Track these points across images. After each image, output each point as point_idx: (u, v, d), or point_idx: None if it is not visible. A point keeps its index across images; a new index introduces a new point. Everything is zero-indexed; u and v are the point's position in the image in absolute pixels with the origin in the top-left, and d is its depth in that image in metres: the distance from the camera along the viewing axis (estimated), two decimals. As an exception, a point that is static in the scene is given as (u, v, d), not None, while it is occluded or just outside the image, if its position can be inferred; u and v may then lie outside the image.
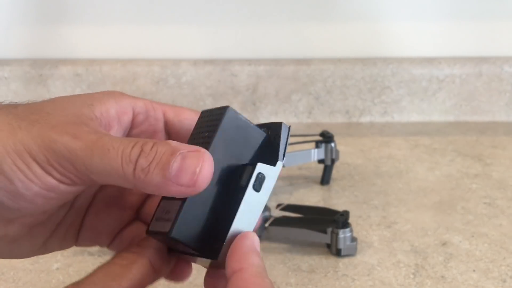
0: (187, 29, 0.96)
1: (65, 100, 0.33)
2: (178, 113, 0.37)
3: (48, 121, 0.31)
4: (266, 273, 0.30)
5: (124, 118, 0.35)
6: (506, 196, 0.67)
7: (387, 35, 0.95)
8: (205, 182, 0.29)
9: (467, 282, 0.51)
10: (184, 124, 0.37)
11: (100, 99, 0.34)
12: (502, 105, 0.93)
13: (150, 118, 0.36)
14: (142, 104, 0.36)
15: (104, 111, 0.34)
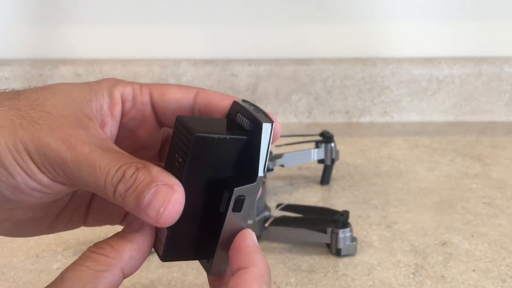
0: (187, 29, 0.96)
1: (65, 94, 0.34)
2: (162, 93, 0.37)
3: (48, 123, 0.31)
4: (268, 275, 0.31)
5: (115, 110, 0.36)
6: (506, 196, 0.67)
7: (387, 35, 0.95)
8: (169, 221, 0.30)
9: (467, 282, 0.51)
10: (169, 105, 0.36)
11: (96, 92, 0.35)
12: (502, 105, 0.93)
13: (137, 104, 0.36)
14: (130, 89, 0.36)
15: (99, 108, 0.35)
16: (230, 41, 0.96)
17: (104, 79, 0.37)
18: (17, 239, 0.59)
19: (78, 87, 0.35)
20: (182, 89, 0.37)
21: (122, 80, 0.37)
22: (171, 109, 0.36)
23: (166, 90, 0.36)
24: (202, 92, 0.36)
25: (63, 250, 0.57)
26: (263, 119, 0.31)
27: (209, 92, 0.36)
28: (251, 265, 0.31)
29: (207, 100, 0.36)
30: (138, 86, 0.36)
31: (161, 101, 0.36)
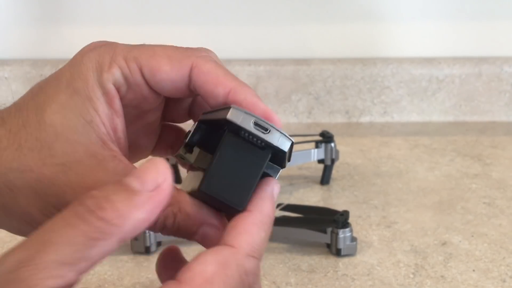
0: (187, 29, 0.96)
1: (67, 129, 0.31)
2: (153, 72, 0.32)
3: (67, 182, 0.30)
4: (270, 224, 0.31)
5: (116, 104, 0.32)
6: (506, 196, 0.67)
7: (387, 35, 0.95)
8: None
9: (467, 282, 0.51)
10: (163, 87, 0.33)
11: (90, 100, 0.31)
12: (502, 105, 0.93)
13: (131, 85, 0.33)
14: (119, 73, 0.32)
15: (103, 118, 0.32)
16: (230, 41, 0.96)
17: (83, 66, 0.32)
18: (17, 239, 0.59)
19: (72, 108, 0.31)
20: (175, 65, 0.32)
21: (104, 60, 0.32)
22: (166, 90, 0.33)
23: (157, 68, 0.32)
24: (197, 69, 0.32)
25: (63, 250, 0.57)
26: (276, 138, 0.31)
27: (205, 70, 0.32)
28: (255, 210, 0.30)
29: (202, 80, 0.32)
30: (125, 64, 0.32)
31: (154, 82, 0.33)
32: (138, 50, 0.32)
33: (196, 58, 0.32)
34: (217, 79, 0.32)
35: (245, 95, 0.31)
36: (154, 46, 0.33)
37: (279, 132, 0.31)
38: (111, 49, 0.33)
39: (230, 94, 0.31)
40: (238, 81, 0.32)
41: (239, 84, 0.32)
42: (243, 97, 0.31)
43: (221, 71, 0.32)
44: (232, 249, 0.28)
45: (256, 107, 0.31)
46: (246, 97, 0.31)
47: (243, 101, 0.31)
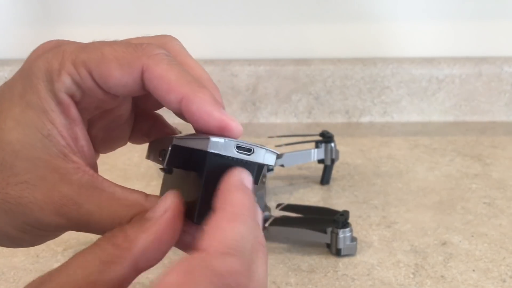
0: (187, 29, 0.96)
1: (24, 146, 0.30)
2: (104, 78, 0.30)
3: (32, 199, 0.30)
4: (249, 213, 0.27)
5: (72, 113, 0.31)
6: (506, 196, 0.67)
7: (387, 35, 0.95)
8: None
9: (467, 282, 0.51)
10: (116, 91, 0.31)
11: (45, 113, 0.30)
12: (502, 105, 0.93)
13: (85, 91, 0.31)
14: (69, 81, 0.30)
15: (61, 129, 0.30)
16: (230, 41, 0.96)
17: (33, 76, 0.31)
18: (17, 239, 0.59)
19: (27, 123, 0.30)
20: (126, 70, 0.30)
21: (52, 68, 0.30)
22: (121, 93, 0.31)
23: (107, 74, 0.30)
24: (148, 73, 0.30)
25: (63, 250, 0.57)
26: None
27: (156, 74, 0.30)
28: (223, 205, 0.27)
29: (153, 86, 0.30)
30: (75, 70, 0.30)
31: (106, 87, 0.31)
32: (86, 53, 0.31)
33: (147, 59, 0.30)
34: (168, 85, 0.30)
35: (198, 104, 0.29)
36: (102, 47, 0.31)
37: (263, 149, 0.31)
38: (59, 54, 0.31)
39: (182, 102, 0.29)
40: (191, 84, 0.30)
41: (192, 90, 0.29)
42: (195, 107, 0.29)
43: (173, 74, 0.30)
44: (200, 253, 0.26)
45: (210, 117, 0.29)
46: (199, 106, 0.29)
47: (195, 112, 0.29)
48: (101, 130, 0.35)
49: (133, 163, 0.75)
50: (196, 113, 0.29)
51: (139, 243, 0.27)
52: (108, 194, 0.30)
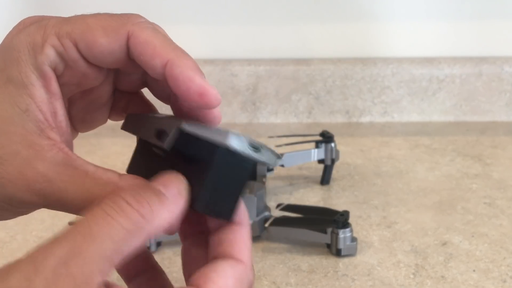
0: (187, 29, 0.96)
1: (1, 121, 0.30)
2: (89, 46, 0.30)
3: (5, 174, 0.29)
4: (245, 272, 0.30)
5: (53, 87, 0.31)
6: (506, 196, 0.67)
7: (387, 35, 0.95)
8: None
9: (467, 282, 0.51)
10: (101, 60, 0.31)
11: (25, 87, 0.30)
12: (502, 105, 0.93)
13: (68, 63, 0.31)
14: (52, 52, 0.30)
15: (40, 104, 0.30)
16: (230, 41, 0.96)
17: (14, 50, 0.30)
18: (16, 240, 0.59)
19: (6, 98, 0.30)
20: (111, 36, 0.30)
21: (35, 41, 0.30)
22: (106, 63, 0.31)
23: (92, 42, 0.30)
24: (133, 38, 0.30)
25: (63, 250, 0.57)
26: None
27: (142, 39, 0.30)
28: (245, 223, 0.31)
29: (138, 51, 0.30)
30: (58, 42, 0.30)
31: (91, 57, 0.31)
32: (70, 24, 0.31)
33: (132, 26, 0.31)
34: (153, 49, 0.30)
35: (181, 68, 0.30)
36: (86, 17, 0.32)
37: (269, 150, 0.31)
38: (42, 28, 0.31)
39: (167, 66, 0.30)
40: (176, 51, 0.30)
41: (176, 55, 0.30)
42: (179, 70, 0.30)
43: (158, 39, 0.30)
44: (243, 264, 0.29)
45: (192, 82, 0.30)
46: (183, 70, 0.30)
47: (179, 75, 0.30)
48: (81, 110, 0.35)
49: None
50: (179, 77, 0.29)
51: (161, 218, 0.27)
52: (81, 172, 0.29)
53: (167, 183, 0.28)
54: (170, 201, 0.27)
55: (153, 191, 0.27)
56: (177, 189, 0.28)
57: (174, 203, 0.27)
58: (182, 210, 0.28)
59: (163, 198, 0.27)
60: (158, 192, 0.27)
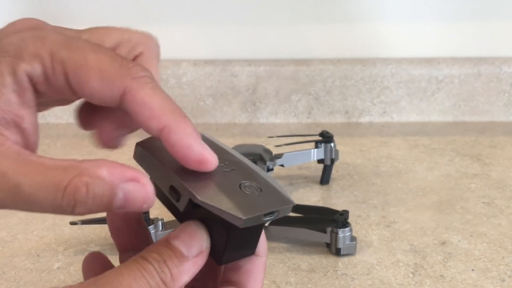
0: (187, 29, 0.96)
1: None
2: (80, 85, 0.29)
3: None
4: None
5: (27, 97, 0.29)
6: (505, 196, 0.67)
7: (386, 36, 0.95)
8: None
9: (466, 282, 0.51)
10: (90, 98, 0.29)
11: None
12: (501, 105, 0.93)
13: (52, 86, 0.29)
14: (39, 68, 0.28)
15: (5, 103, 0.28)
16: (230, 41, 0.96)
17: (1, 46, 0.29)
18: (18, 239, 0.59)
19: None
20: (106, 85, 0.29)
21: (25, 49, 0.28)
22: (92, 100, 0.30)
23: (85, 82, 0.29)
24: (130, 95, 0.29)
25: (64, 249, 0.57)
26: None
27: (139, 98, 0.29)
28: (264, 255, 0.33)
29: (134, 110, 0.29)
30: (50, 64, 0.28)
31: (80, 93, 0.29)
32: (68, 51, 0.29)
33: (131, 81, 0.29)
34: (150, 112, 0.29)
35: (179, 135, 0.29)
36: (87, 50, 0.29)
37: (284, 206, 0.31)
38: (39, 39, 0.29)
39: (163, 132, 0.29)
40: (174, 114, 0.29)
41: (174, 120, 0.29)
42: (177, 137, 0.29)
43: (157, 100, 0.29)
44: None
45: (190, 151, 0.29)
46: (181, 138, 0.29)
47: (177, 142, 0.29)
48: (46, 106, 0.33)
49: (134, 164, 0.75)
50: (177, 144, 0.29)
51: (181, 282, 0.29)
52: (37, 163, 0.27)
53: (189, 243, 0.29)
54: (191, 264, 0.29)
55: (176, 257, 0.29)
56: (199, 248, 0.29)
57: (194, 266, 0.29)
58: (201, 266, 0.30)
59: (185, 262, 0.29)
60: (180, 256, 0.29)
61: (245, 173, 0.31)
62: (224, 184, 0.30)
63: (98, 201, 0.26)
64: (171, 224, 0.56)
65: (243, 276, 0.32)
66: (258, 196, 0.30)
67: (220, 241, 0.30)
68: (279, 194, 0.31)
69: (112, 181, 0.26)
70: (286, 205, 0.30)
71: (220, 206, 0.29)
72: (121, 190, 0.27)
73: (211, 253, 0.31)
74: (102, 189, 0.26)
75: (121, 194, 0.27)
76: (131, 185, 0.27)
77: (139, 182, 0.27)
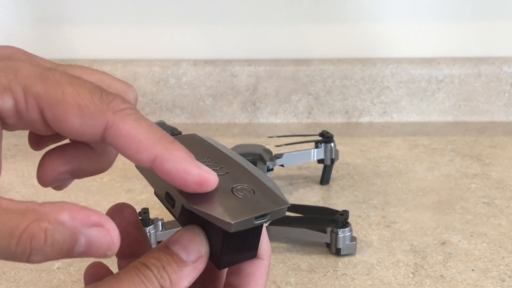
0: (187, 29, 0.96)
1: None
2: (58, 122, 0.27)
3: None
4: None
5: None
6: (505, 196, 0.67)
7: (386, 36, 0.95)
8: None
9: (466, 282, 0.51)
10: (66, 134, 0.28)
11: None
12: (501, 105, 0.93)
13: (24, 120, 0.28)
14: (10, 103, 0.27)
15: None
16: (230, 41, 0.96)
17: None
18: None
19: None
20: (86, 121, 0.27)
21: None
22: (69, 136, 0.28)
23: (63, 118, 0.27)
24: (113, 130, 0.27)
25: (64, 249, 0.57)
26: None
27: (124, 132, 0.27)
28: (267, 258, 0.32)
29: (120, 145, 0.27)
30: (23, 98, 0.27)
31: (55, 127, 0.27)
32: (43, 85, 0.27)
33: (112, 115, 0.27)
34: (138, 144, 0.27)
35: (174, 162, 0.27)
36: (64, 83, 0.27)
37: (278, 209, 0.31)
38: (11, 71, 0.27)
39: (156, 162, 0.27)
40: (162, 141, 0.28)
41: (164, 148, 0.27)
42: (172, 165, 0.27)
43: (142, 132, 0.27)
44: None
45: (188, 175, 0.28)
46: (176, 165, 0.28)
47: (172, 171, 0.28)
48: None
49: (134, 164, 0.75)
50: (173, 172, 0.28)
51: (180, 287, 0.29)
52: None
53: (188, 248, 0.29)
54: (190, 269, 0.29)
55: (174, 262, 0.29)
56: (198, 253, 0.30)
57: (194, 271, 0.29)
58: (201, 271, 0.30)
59: (184, 267, 0.29)
60: (179, 261, 0.29)
61: (239, 176, 0.31)
62: (216, 189, 0.29)
63: (58, 248, 0.24)
64: (171, 224, 0.56)
65: (244, 279, 0.32)
66: (250, 198, 0.30)
67: (217, 245, 0.31)
68: (273, 195, 0.31)
69: (74, 227, 0.24)
70: (279, 207, 0.30)
71: (209, 212, 0.29)
72: (83, 236, 0.25)
73: (211, 258, 0.31)
74: (63, 235, 0.24)
75: (84, 240, 0.25)
76: (94, 230, 0.25)
77: (103, 227, 0.25)
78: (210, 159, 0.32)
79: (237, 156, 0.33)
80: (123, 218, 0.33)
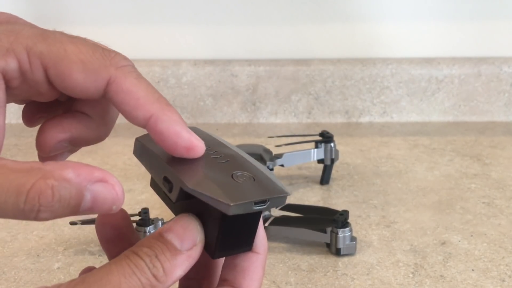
0: (187, 29, 0.96)
1: None
2: (62, 78, 0.27)
3: None
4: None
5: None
6: (505, 196, 0.67)
7: (386, 36, 0.95)
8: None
9: (466, 282, 0.51)
10: (72, 92, 0.28)
11: None
12: (501, 105, 0.93)
13: (28, 81, 0.28)
14: (15, 64, 0.27)
15: None
16: (230, 41, 0.96)
17: None
18: (18, 239, 0.59)
19: None
20: (90, 76, 0.28)
21: (0, 40, 0.27)
22: (75, 95, 0.29)
23: (68, 74, 0.27)
24: (115, 84, 0.28)
25: (64, 249, 0.57)
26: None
27: (124, 88, 0.28)
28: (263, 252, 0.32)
29: (120, 100, 0.28)
30: (26, 57, 0.27)
31: (61, 87, 0.28)
32: (46, 44, 0.27)
33: (115, 70, 0.28)
34: (136, 101, 0.28)
35: (167, 124, 0.28)
36: (65, 42, 0.28)
37: (277, 193, 0.31)
38: (13, 33, 0.27)
39: (150, 120, 0.28)
40: (159, 102, 0.29)
41: (160, 108, 0.28)
42: (165, 126, 0.28)
43: (142, 89, 0.28)
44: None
45: (179, 137, 0.29)
46: (169, 126, 0.28)
47: (164, 131, 0.28)
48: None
49: (134, 163, 0.75)
50: (165, 132, 0.29)
51: (174, 277, 0.28)
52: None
53: (183, 235, 0.29)
54: (184, 258, 0.28)
55: (168, 251, 0.28)
56: (192, 241, 0.29)
57: (188, 259, 0.28)
58: (196, 260, 0.29)
59: (178, 256, 0.28)
60: (172, 249, 0.28)
61: (240, 164, 0.31)
62: (216, 173, 0.30)
63: (65, 204, 0.25)
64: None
65: (240, 274, 0.31)
66: (250, 184, 0.30)
67: (213, 234, 0.30)
68: (273, 184, 0.31)
69: (79, 183, 0.25)
70: (279, 194, 0.30)
71: (208, 193, 0.28)
72: (89, 191, 0.25)
73: (205, 247, 0.30)
74: (69, 191, 0.25)
75: (89, 196, 0.25)
76: (99, 186, 0.25)
77: (107, 182, 0.26)
78: (211, 149, 0.32)
79: (238, 150, 0.33)
80: (116, 222, 0.33)
